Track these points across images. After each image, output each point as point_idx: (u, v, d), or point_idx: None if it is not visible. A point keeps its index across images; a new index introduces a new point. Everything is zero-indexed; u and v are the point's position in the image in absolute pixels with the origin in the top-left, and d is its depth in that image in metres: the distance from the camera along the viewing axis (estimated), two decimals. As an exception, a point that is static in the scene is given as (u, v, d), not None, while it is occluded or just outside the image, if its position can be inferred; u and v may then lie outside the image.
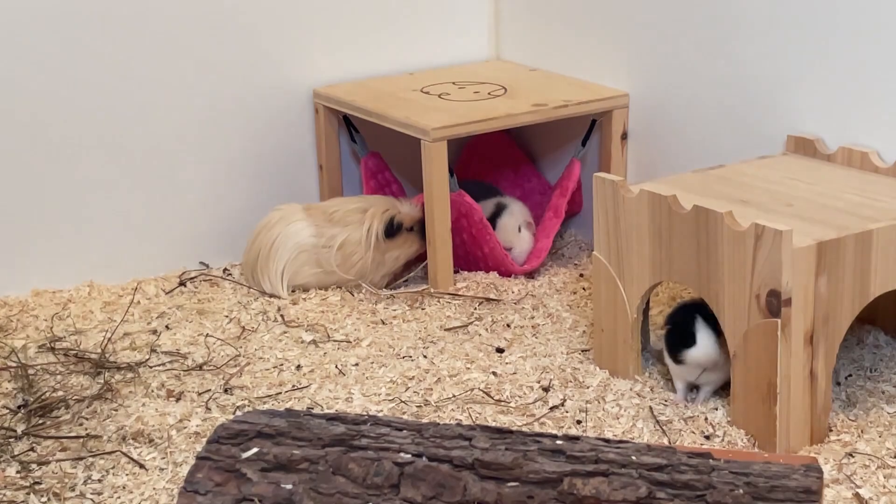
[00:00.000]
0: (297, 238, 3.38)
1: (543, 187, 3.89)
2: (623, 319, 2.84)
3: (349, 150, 3.76)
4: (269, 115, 3.64)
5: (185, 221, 3.59)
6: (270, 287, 3.37)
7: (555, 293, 3.39)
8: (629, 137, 3.55)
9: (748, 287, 2.52)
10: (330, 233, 3.38)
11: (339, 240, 3.36)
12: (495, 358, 3.00)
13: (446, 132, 3.32)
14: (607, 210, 2.81)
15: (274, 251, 3.37)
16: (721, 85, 3.24)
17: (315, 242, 3.38)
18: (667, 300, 3.28)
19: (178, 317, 3.27)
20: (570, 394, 2.80)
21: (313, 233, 3.39)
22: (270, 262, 3.37)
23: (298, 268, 3.39)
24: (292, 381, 2.91)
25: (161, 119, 3.49)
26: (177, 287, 3.46)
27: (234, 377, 2.92)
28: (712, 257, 2.59)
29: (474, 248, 3.48)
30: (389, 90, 3.64)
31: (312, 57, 3.67)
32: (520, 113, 3.41)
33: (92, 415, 2.76)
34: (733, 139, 3.23)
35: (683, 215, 2.64)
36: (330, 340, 3.12)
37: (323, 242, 3.38)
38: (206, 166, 3.59)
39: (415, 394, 2.83)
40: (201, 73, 3.51)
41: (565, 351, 3.02)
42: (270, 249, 3.37)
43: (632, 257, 2.78)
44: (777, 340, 2.50)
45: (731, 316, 2.58)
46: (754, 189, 2.83)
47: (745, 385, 2.59)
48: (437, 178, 3.32)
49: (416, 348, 3.06)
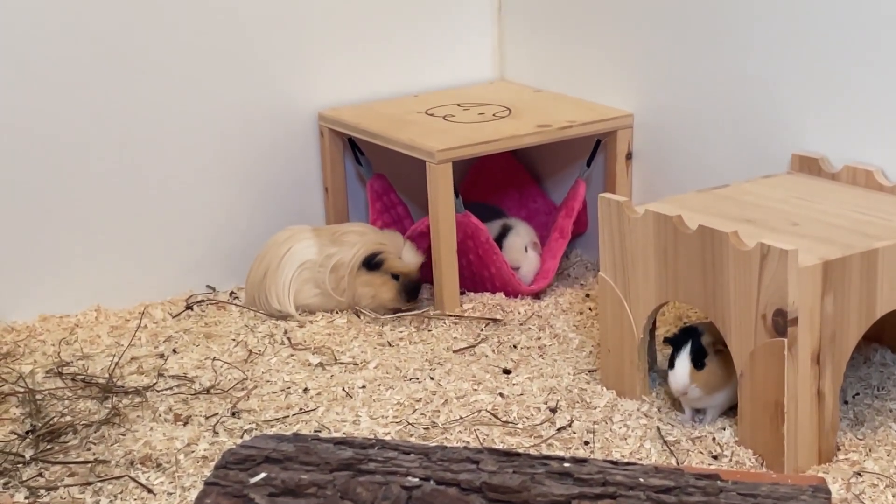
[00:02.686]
0: (302, 255, 3.38)
1: (549, 208, 3.89)
2: (629, 339, 2.83)
3: (355, 172, 3.76)
4: (274, 138, 3.64)
5: (192, 245, 3.59)
6: (278, 303, 3.37)
7: (561, 313, 3.38)
8: (634, 157, 3.55)
9: (754, 307, 2.52)
10: (328, 252, 3.37)
11: (334, 260, 3.35)
12: (502, 379, 3.00)
13: (451, 154, 3.32)
14: (613, 230, 2.81)
15: (281, 267, 3.37)
16: (725, 105, 3.24)
17: (315, 261, 3.37)
18: (673, 320, 3.28)
19: (185, 340, 3.27)
20: (578, 415, 2.80)
21: (316, 251, 3.39)
22: (278, 277, 3.36)
23: (301, 286, 3.38)
24: (299, 404, 2.91)
25: (166, 144, 3.50)
26: (184, 311, 3.46)
27: (241, 401, 2.92)
28: (718, 277, 2.59)
29: (481, 269, 3.48)
30: (394, 112, 3.65)
31: (317, 80, 3.68)
32: (524, 134, 3.41)
33: (100, 440, 2.76)
34: (738, 158, 3.22)
35: (689, 235, 2.64)
36: (337, 363, 3.11)
37: (321, 262, 3.37)
38: (212, 190, 3.59)
39: (422, 416, 2.82)
40: (206, 97, 3.52)
41: (572, 372, 3.02)
42: (279, 265, 3.37)
43: (637, 277, 2.78)
44: (784, 360, 2.49)
45: (737, 336, 2.58)
46: (759, 208, 2.83)
47: (753, 405, 2.58)
48: (443, 200, 3.32)
49: (423, 370, 3.06)
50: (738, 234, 2.55)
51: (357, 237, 3.38)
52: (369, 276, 3.34)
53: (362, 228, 3.43)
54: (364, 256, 3.33)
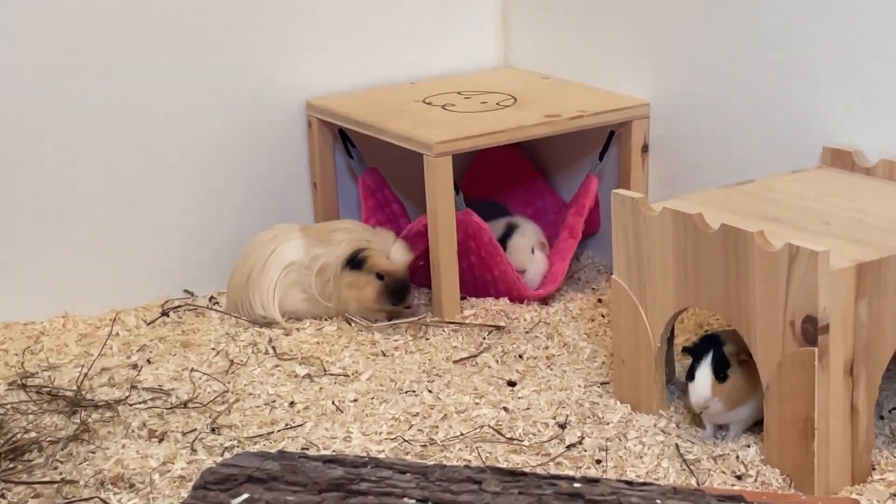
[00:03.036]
0: (288, 256, 3.39)
1: (557, 205, 3.90)
2: (645, 349, 2.84)
3: (346, 166, 3.76)
4: (257, 129, 3.65)
5: (168, 246, 3.59)
6: (262, 309, 3.37)
7: (571, 321, 3.39)
8: (650, 150, 3.56)
9: (782, 313, 2.53)
10: (315, 252, 3.37)
11: (321, 261, 3.36)
12: (507, 392, 3.00)
13: (451, 146, 3.33)
14: (627, 230, 2.82)
15: (266, 269, 3.37)
16: (750, 93, 3.24)
17: (302, 263, 3.38)
18: (693, 328, 3.28)
19: (160, 350, 3.27)
20: (589, 431, 2.81)
21: (303, 252, 3.40)
22: (263, 280, 3.37)
23: (287, 290, 3.39)
24: (285, 419, 2.91)
25: (139, 136, 3.50)
26: (159, 317, 3.47)
27: (221, 415, 2.92)
28: (742, 281, 2.60)
29: (483, 272, 3.49)
30: (389, 101, 3.65)
31: (305, 65, 3.68)
32: (531, 125, 3.42)
33: (67, 458, 2.76)
34: (764, 152, 3.23)
35: (710, 235, 2.65)
36: (326, 374, 3.12)
37: (307, 263, 3.38)
38: (190, 186, 3.60)
39: (419, 432, 2.83)
40: (181, 85, 3.52)
41: (583, 384, 3.03)
42: (263, 267, 3.38)
43: (654, 281, 2.79)
44: (814, 371, 2.50)
45: (763, 345, 2.59)
46: (787, 206, 2.83)
47: (780, 420, 2.59)
48: (442, 197, 3.33)
49: (420, 382, 3.06)
50: (764, 235, 2.56)
51: (344, 234, 3.39)
52: (353, 276, 3.34)
53: (351, 226, 3.44)
54: (347, 255, 3.33)
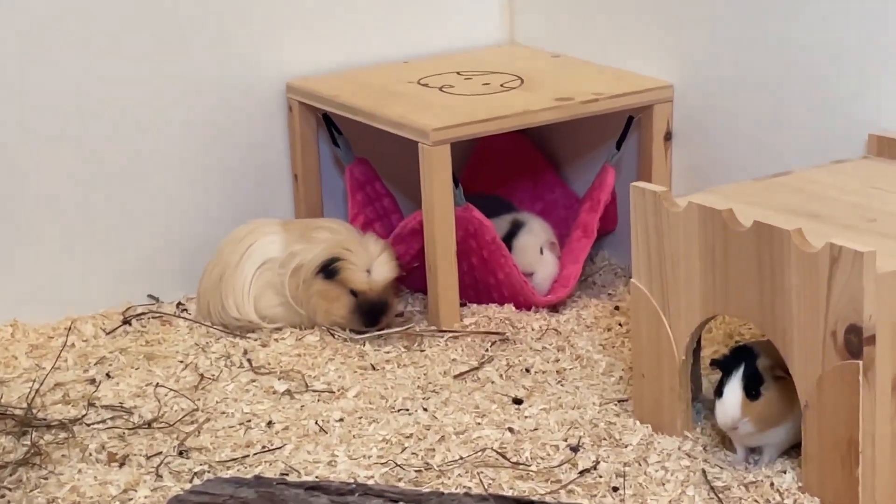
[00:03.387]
0: (264, 252, 3.39)
1: (569, 200, 3.89)
2: (669, 362, 2.83)
3: (330, 156, 3.76)
4: (230, 114, 3.64)
5: (130, 246, 3.59)
6: (237, 311, 3.37)
7: (584, 330, 3.38)
8: (674, 138, 3.55)
9: (822, 322, 2.52)
10: (292, 249, 3.37)
11: (296, 260, 3.35)
12: (512, 411, 2.99)
13: (450, 133, 3.32)
14: (648, 227, 2.81)
15: (241, 267, 3.37)
16: (787, 73, 3.23)
17: (278, 260, 3.38)
18: (722, 338, 3.27)
19: (121, 363, 3.26)
20: (605, 454, 2.80)
21: (281, 248, 3.39)
22: (237, 279, 3.37)
23: (262, 291, 3.39)
24: (262, 440, 2.90)
25: (99, 123, 3.50)
26: (120, 326, 3.46)
27: (190, 436, 2.92)
28: (777, 286, 2.59)
29: (486, 275, 3.47)
30: (380, 82, 3.64)
31: (284, 42, 3.68)
32: (540, 109, 3.41)
33: (16, 484, 2.75)
34: (802, 140, 3.22)
35: (742, 234, 2.64)
36: (308, 390, 3.11)
37: (282, 260, 3.37)
38: (155, 179, 3.59)
39: (413, 455, 2.82)
40: (145, 65, 3.52)
41: (598, 401, 3.02)
42: (238, 264, 3.38)
43: (679, 286, 2.78)
44: (858, 387, 2.49)
45: (801, 358, 2.58)
46: (829, 201, 2.83)
47: (820, 443, 2.58)
48: (439, 190, 3.32)
49: (415, 399, 3.05)
50: (802, 233, 2.55)
51: (327, 234, 3.37)
52: (325, 285, 3.33)
53: (337, 226, 3.43)
54: (321, 261, 3.32)
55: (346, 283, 3.31)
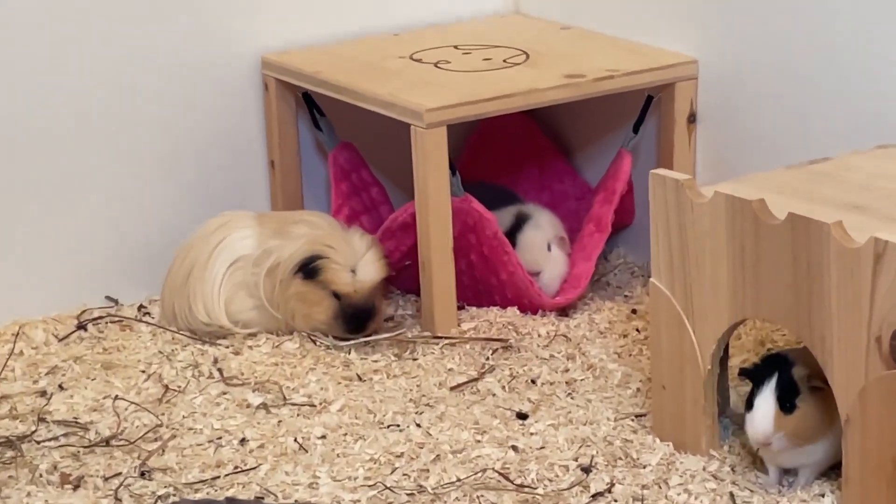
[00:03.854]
0: (236, 249, 3.40)
1: (581, 190, 3.90)
2: (692, 372, 2.84)
3: (312, 140, 3.76)
4: (199, 94, 3.65)
5: (85, 243, 3.60)
6: (206, 314, 3.38)
7: (597, 336, 3.39)
8: (699, 121, 3.56)
9: (865, 326, 2.52)
10: (267, 246, 3.38)
11: (272, 258, 3.35)
12: (516, 427, 3.00)
13: (446, 115, 3.33)
14: (669, 221, 2.82)
15: (210, 264, 3.38)
16: (824, 49, 3.24)
17: (251, 257, 3.38)
18: (753, 345, 3.28)
19: (75, 373, 3.27)
20: (621, 476, 2.80)
21: (255, 244, 3.40)
22: (206, 278, 3.38)
23: (233, 293, 3.40)
24: (234, 460, 2.90)
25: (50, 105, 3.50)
26: (74, 331, 3.46)
27: (153, 455, 2.92)
28: (815, 285, 2.60)
29: (487, 274, 3.49)
30: (367, 57, 3.65)
31: (260, 11, 3.68)
32: (547, 88, 3.42)
33: (-43, 509, 2.76)
34: (842, 122, 3.23)
35: (775, 228, 2.64)
36: (286, 404, 3.12)
37: (256, 258, 3.38)
38: (113, 165, 3.59)
39: (405, 477, 2.82)
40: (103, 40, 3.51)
41: (612, 416, 3.03)
42: (207, 262, 3.39)
43: (703, 286, 2.79)
44: (906, 400, 2.50)
45: (841, 367, 2.58)
46: (872, 190, 2.83)
47: (863, 462, 2.59)
48: (434, 179, 3.33)
49: (406, 414, 3.06)
50: (842, 226, 2.56)
51: (306, 229, 3.38)
52: (304, 287, 3.34)
53: (318, 219, 3.43)
54: (300, 259, 3.33)
55: (329, 285, 3.32)
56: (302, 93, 3.66)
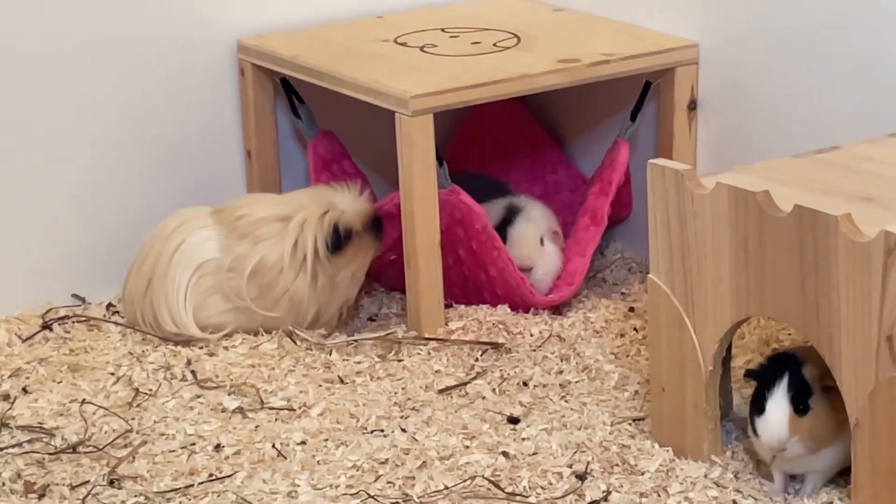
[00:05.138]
0: (199, 253, 3.40)
1: (575, 182, 3.90)
2: (693, 373, 2.84)
3: (291, 129, 3.76)
4: (170, 79, 3.65)
5: (51, 236, 3.60)
6: (173, 324, 3.38)
7: (593, 336, 3.40)
8: (700, 108, 3.57)
9: (876, 325, 2.53)
10: (238, 250, 3.38)
11: (251, 263, 3.36)
12: (507, 432, 3.00)
13: (433, 101, 3.33)
14: (669, 213, 2.82)
15: (172, 271, 3.37)
16: (833, 31, 3.25)
17: (220, 263, 3.38)
18: (757, 345, 3.29)
19: (40, 375, 3.27)
20: (617, 483, 2.81)
21: (218, 246, 3.40)
22: (169, 286, 3.37)
23: (202, 299, 3.39)
24: (209, 467, 2.90)
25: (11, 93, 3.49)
26: (38, 332, 3.46)
27: (123, 463, 2.92)
28: (822, 281, 2.60)
29: (476, 271, 3.49)
30: (349, 41, 3.65)
31: (236, -7, 3.69)
32: (540, 73, 3.42)
33: (-86, 520, 2.76)
34: (852, 108, 3.23)
35: (780, 220, 2.64)
36: (264, 407, 3.12)
37: (229, 263, 3.38)
38: (81, 158, 3.59)
39: (389, 485, 2.83)
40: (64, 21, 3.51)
41: (609, 420, 3.03)
42: (168, 269, 3.38)
43: (705, 283, 2.79)
44: (919, 402, 2.51)
45: (850, 367, 2.59)
46: (883, 181, 2.83)
47: (874, 467, 2.59)
48: (420, 169, 3.33)
49: (391, 418, 3.06)
50: (851, 219, 2.56)
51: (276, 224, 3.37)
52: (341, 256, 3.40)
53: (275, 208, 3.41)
54: (328, 242, 3.37)
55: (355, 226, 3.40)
56: (280, 78, 3.67)
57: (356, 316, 3.54)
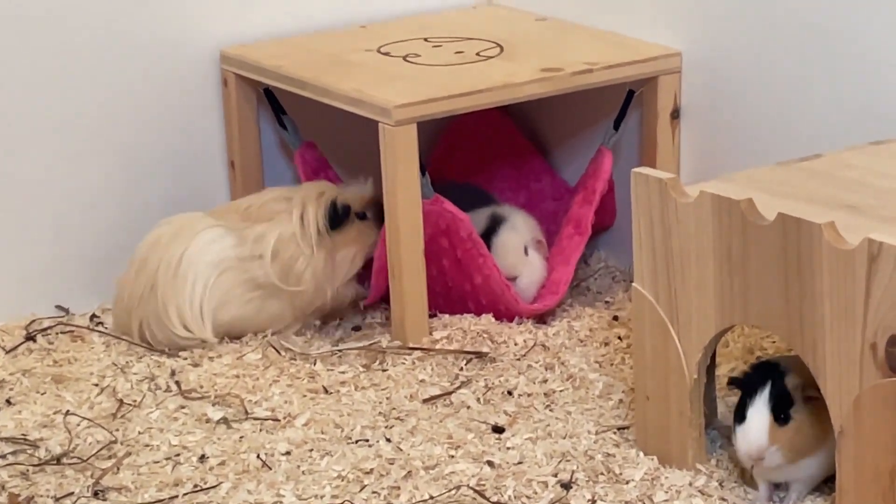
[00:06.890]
0: (214, 252, 3.41)
1: (559, 191, 3.91)
2: (678, 382, 2.84)
3: (276, 139, 3.77)
4: (153, 89, 3.65)
5: (34, 247, 3.59)
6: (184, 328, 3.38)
7: (577, 345, 3.40)
8: (683, 116, 3.57)
9: (859, 332, 2.53)
10: (254, 234, 3.41)
11: (271, 241, 3.40)
12: (491, 441, 3.00)
13: (416, 111, 3.33)
14: (653, 222, 2.82)
15: (183, 277, 3.38)
16: (816, 40, 3.25)
17: (240, 254, 3.40)
18: (741, 353, 3.29)
19: (24, 386, 3.27)
20: (602, 492, 2.81)
21: (234, 241, 3.41)
22: (183, 291, 3.37)
23: (225, 296, 3.41)
24: (194, 478, 2.90)
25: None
26: (22, 343, 3.46)
27: (108, 474, 2.92)
28: (806, 289, 2.60)
29: (460, 280, 3.49)
30: (332, 50, 3.65)
31: (218, 2, 3.68)
32: (523, 82, 3.43)
33: None
34: (835, 117, 3.24)
35: (764, 228, 2.65)
36: (248, 418, 3.12)
37: (249, 251, 3.40)
38: (64, 169, 3.59)
39: (374, 495, 2.82)
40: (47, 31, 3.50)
41: (594, 429, 3.03)
42: (176, 275, 3.38)
43: (689, 291, 2.79)
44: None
45: (835, 375, 2.59)
46: (866, 189, 2.84)
47: (858, 474, 2.59)
48: (404, 179, 3.33)
49: (376, 428, 3.06)
50: (835, 227, 2.56)
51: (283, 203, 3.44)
52: (339, 234, 3.46)
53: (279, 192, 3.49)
54: (326, 214, 3.44)
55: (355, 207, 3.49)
56: (263, 88, 3.67)
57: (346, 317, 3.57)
